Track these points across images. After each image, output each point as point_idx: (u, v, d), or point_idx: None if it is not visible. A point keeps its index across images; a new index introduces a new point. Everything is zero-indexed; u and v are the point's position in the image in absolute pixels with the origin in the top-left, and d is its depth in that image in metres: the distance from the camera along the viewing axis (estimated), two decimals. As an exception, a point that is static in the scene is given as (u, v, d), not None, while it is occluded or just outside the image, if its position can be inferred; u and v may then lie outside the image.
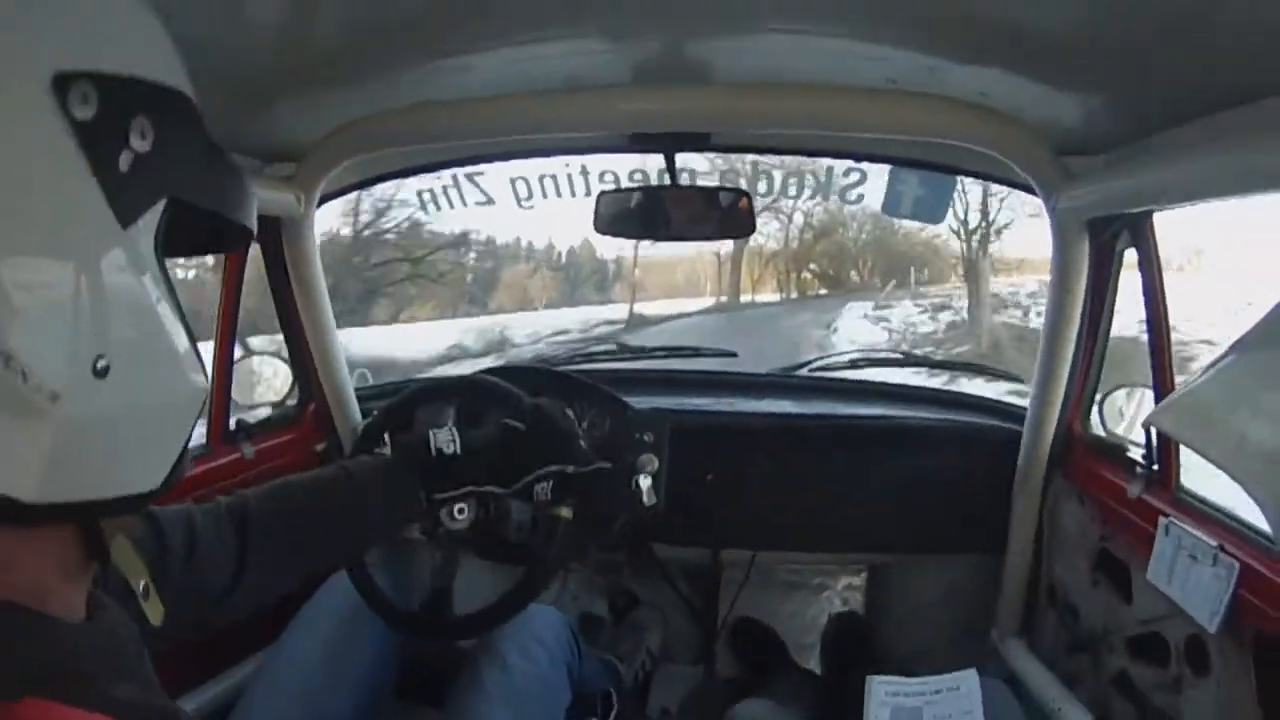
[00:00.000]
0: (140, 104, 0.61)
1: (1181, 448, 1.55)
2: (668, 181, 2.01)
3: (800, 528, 2.28)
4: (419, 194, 2.37)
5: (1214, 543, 1.37)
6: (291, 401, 2.21)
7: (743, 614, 2.62)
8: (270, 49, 1.30)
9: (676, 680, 2.42)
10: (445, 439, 1.59)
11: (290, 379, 2.19)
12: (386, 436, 1.77)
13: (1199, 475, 1.49)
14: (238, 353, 2.07)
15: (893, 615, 2.64)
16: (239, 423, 2.01)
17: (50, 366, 0.55)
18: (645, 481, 2.07)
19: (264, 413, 2.16)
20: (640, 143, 1.92)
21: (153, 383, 0.62)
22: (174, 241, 0.65)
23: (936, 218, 2.17)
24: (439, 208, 2.37)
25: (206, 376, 0.68)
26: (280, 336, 2.22)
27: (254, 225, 0.76)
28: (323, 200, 2.01)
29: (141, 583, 0.74)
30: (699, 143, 1.89)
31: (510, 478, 1.64)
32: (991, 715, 1.57)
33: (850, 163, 2.17)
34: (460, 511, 1.63)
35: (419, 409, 2.00)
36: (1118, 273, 1.74)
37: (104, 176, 0.58)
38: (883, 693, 1.59)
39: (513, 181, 2.40)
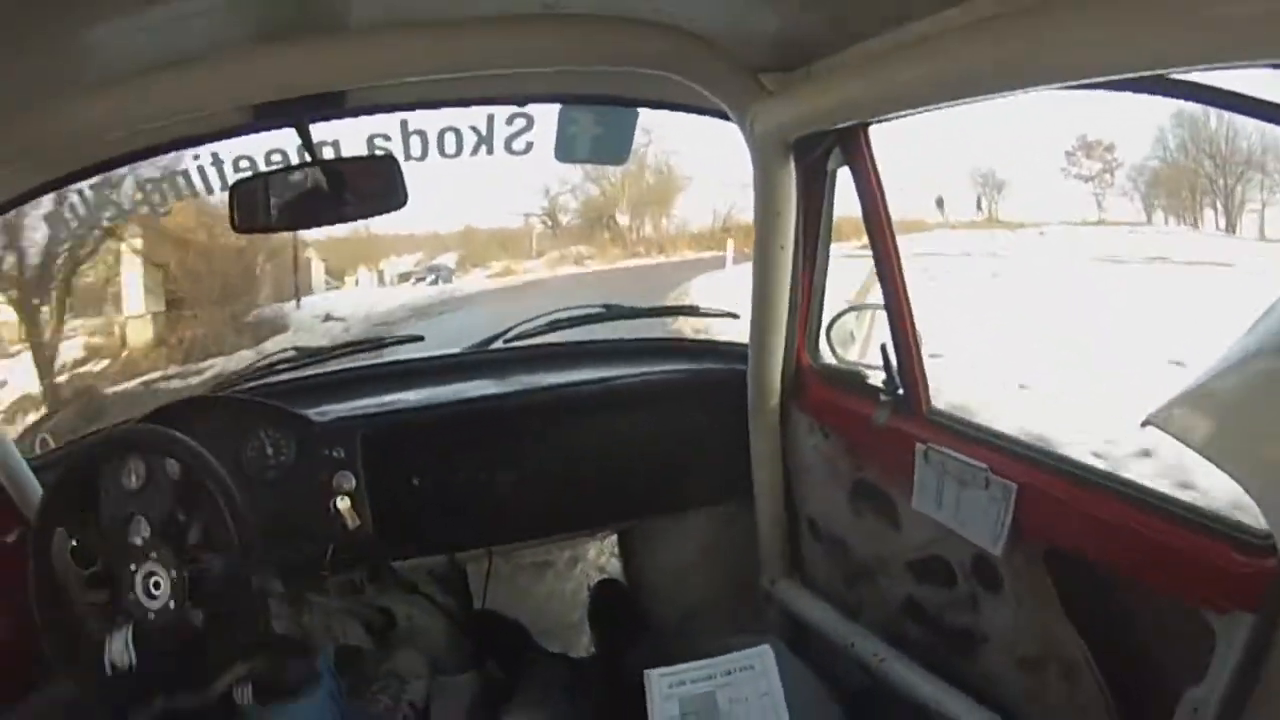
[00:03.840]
0: None
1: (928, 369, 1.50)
2: (308, 159, 1.79)
3: (530, 512, 2.14)
4: (45, 218, 2.00)
5: (982, 465, 1.33)
6: None
7: (489, 609, 2.46)
8: None
9: (453, 692, 2.20)
10: (119, 650, 1.52)
11: None
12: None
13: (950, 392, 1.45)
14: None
15: (655, 578, 2.57)
16: None
17: None
18: (344, 503, 1.93)
19: None
20: (268, 116, 1.65)
21: None
22: None
23: (620, 158, 2.01)
24: (69, 228, 2.01)
25: None
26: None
27: None
28: None
29: None
30: (334, 105, 1.65)
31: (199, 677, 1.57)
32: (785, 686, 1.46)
33: (513, 108, 1.96)
34: (155, 585, 1.57)
35: (99, 476, 1.78)
36: (831, 193, 1.65)
37: None
38: (666, 685, 1.44)
39: (141, 185, 2.05)
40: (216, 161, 2.22)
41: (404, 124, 2.03)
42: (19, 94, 1.34)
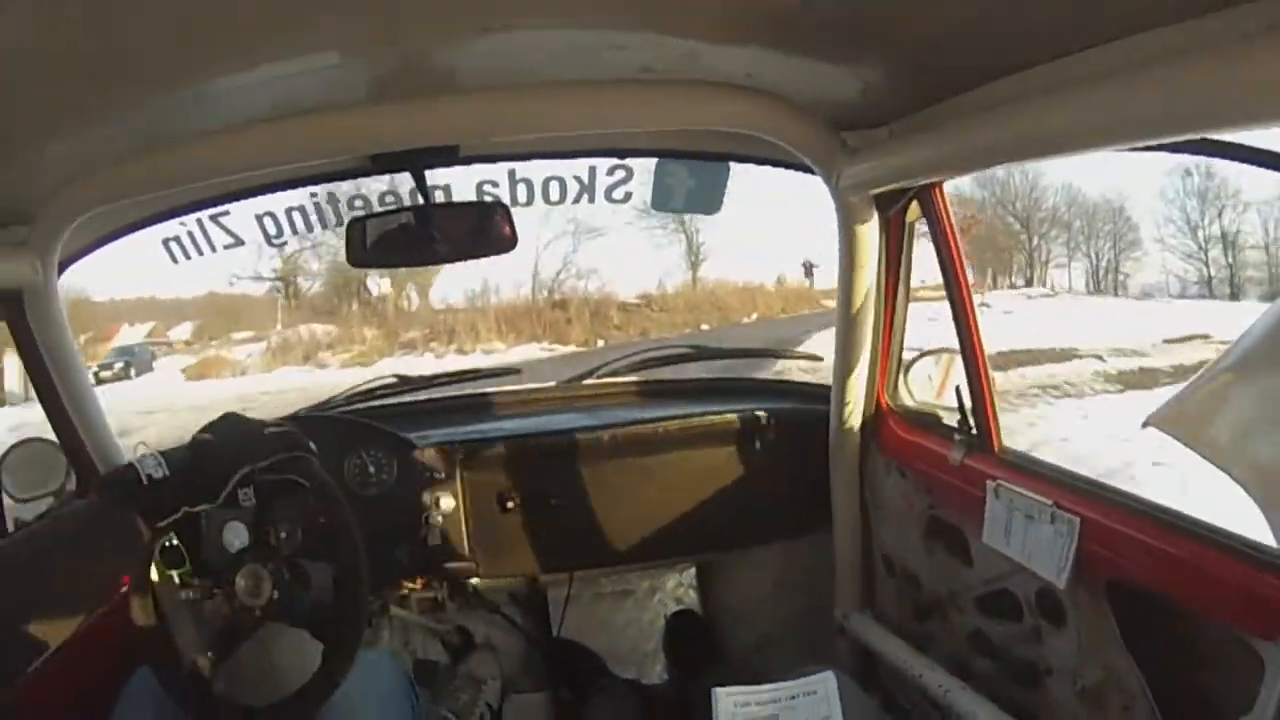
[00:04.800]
0: None
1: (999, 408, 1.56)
2: (421, 201, 1.87)
3: (613, 540, 2.22)
4: (165, 243, 2.10)
5: (1048, 501, 1.37)
6: (70, 486, 1.93)
7: (565, 635, 2.51)
8: None
9: (526, 712, 2.33)
10: (152, 465, 1.57)
11: (65, 465, 1.92)
12: None
13: (1021, 439, 1.49)
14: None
15: (731, 608, 2.59)
16: (17, 522, 1.79)
17: None
18: (438, 519, 2.04)
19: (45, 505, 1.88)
20: (385, 163, 1.77)
21: None
22: None
23: (713, 208, 2.09)
24: (188, 256, 2.11)
25: None
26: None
27: None
28: (65, 264, 1.81)
29: None
30: (447, 157, 1.76)
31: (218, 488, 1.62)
32: (846, 712, 1.50)
33: (614, 160, 2.06)
34: (258, 584, 1.58)
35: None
36: (910, 243, 1.73)
37: None
38: (731, 705, 1.48)
39: (259, 219, 2.17)
40: (332, 200, 2.33)
41: (511, 173, 2.13)
42: (149, 132, 1.46)
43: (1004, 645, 1.60)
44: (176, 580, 1.66)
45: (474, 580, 2.27)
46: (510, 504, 2.13)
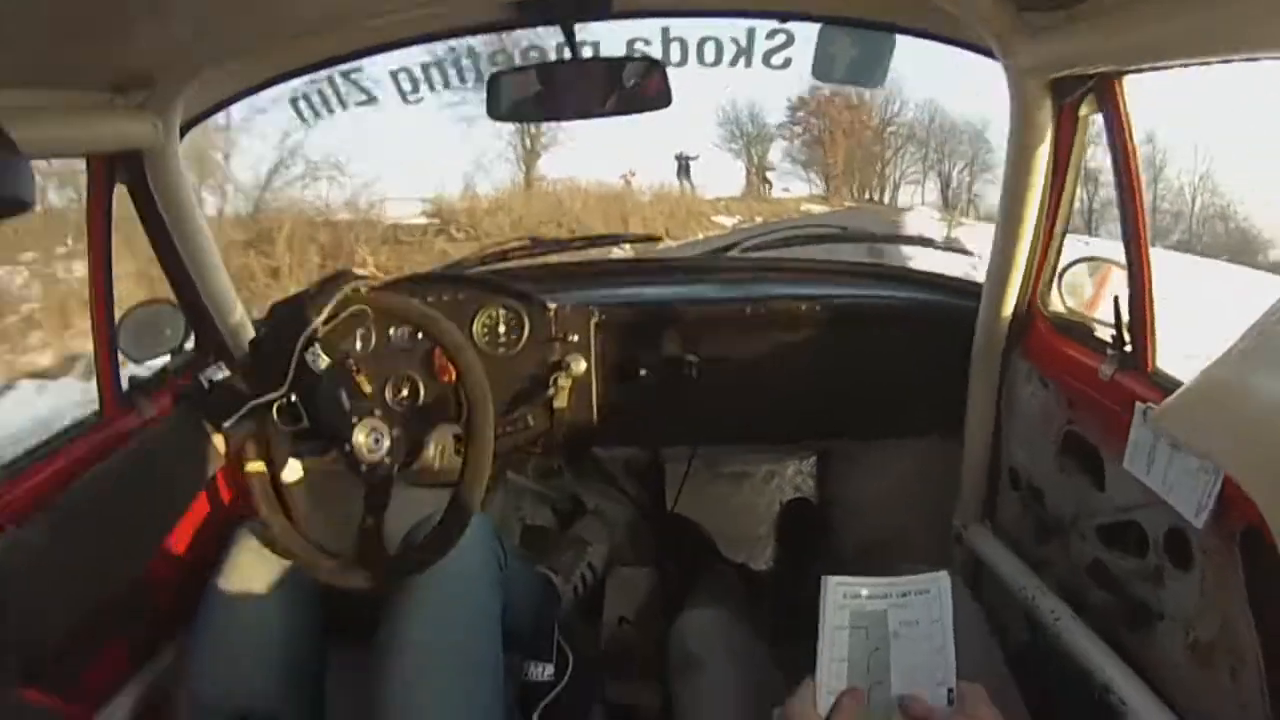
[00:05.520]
0: None
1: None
2: (568, 56, 1.83)
3: (741, 418, 2.18)
4: (292, 102, 2.11)
5: None
6: (189, 346, 2.02)
7: (679, 512, 2.56)
8: None
9: (629, 585, 2.33)
10: (211, 370, 1.63)
11: (184, 324, 2.00)
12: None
13: (1177, 358, 1.38)
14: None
15: (847, 502, 2.58)
16: (132, 379, 1.84)
17: None
18: (565, 382, 2.00)
19: (161, 365, 1.97)
20: (532, 13, 1.72)
21: None
22: None
23: (874, 80, 1.98)
24: (318, 115, 2.11)
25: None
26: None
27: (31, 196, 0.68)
28: (187, 126, 1.82)
29: None
30: (599, 9, 1.72)
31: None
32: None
33: (775, 23, 1.96)
34: (375, 441, 1.61)
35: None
36: (1083, 139, 1.59)
37: None
38: (840, 595, 1.44)
39: (394, 75, 2.14)
40: (472, 54, 2.29)
41: (665, 30, 2.05)
42: None
43: (1122, 580, 1.52)
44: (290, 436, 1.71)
45: (594, 449, 2.29)
46: (642, 371, 2.10)
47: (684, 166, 24.25)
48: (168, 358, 1.96)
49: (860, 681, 1.30)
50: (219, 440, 1.63)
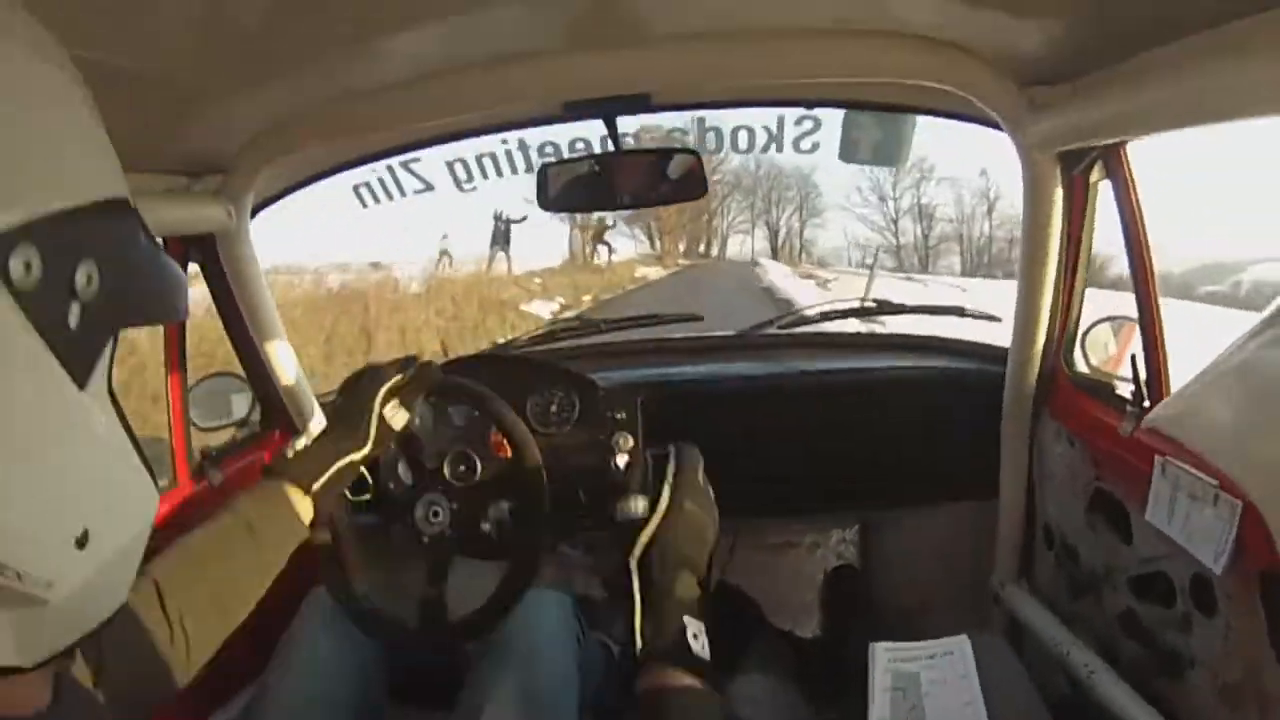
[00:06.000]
0: (83, 245, 0.56)
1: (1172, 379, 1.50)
2: (612, 148, 1.92)
3: (784, 490, 2.24)
4: (355, 189, 2.24)
5: (1213, 482, 1.31)
6: (256, 418, 2.14)
7: (726, 580, 2.59)
8: (178, 62, 1.21)
9: None
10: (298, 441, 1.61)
11: (251, 397, 2.12)
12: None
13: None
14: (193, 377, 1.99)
15: (890, 568, 2.60)
16: (204, 450, 1.94)
17: (40, 561, 0.54)
18: (619, 460, 2.04)
19: (230, 434, 2.09)
20: (577, 110, 1.80)
21: (123, 525, 0.62)
22: None
23: (898, 159, 2.08)
24: (377, 200, 2.25)
25: (155, 482, 0.67)
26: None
27: (184, 314, 0.72)
28: (257, 209, 1.93)
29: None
30: (639, 104, 1.77)
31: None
32: (991, 674, 1.52)
33: (803, 110, 2.07)
34: (435, 514, 1.67)
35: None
36: (1093, 205, 1.66)
37: (56, 343, 0.54)
38: (886, 659, 1.53)
39: (450, 165, 2.29)
40: (522, 147, 2.41)
41: (700, 120, 2.18)
42: (341, 83, 1.54)
43: (1153, 630, 1.55)
44: (353, 506, 1.76)
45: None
46: None
47: (503, 230, 21.13)
48: (232, 430, 2.06)
49: None
50: (304, 505, 1.72)
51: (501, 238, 21.51)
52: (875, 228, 31.13)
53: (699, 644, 1.02)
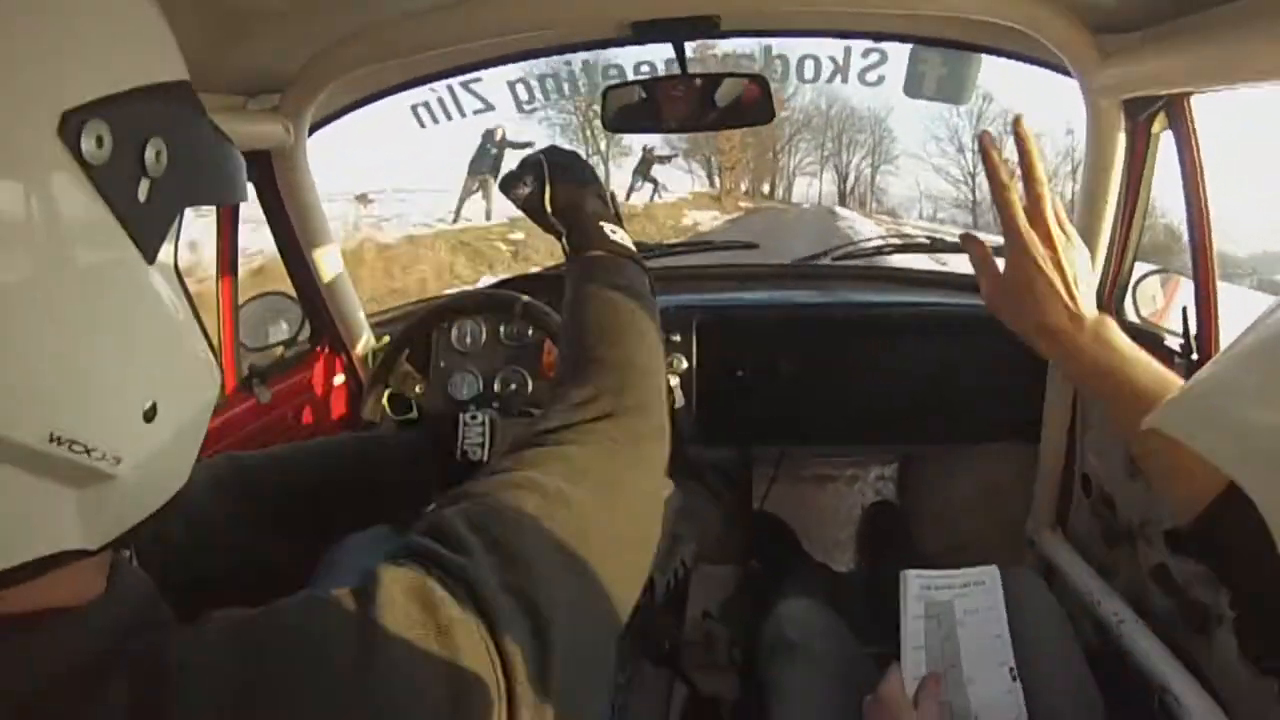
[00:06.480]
0: (152, 123, 0.57)
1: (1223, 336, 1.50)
2: (677, 72, 1.90)
3: (829, 420, 2.27)
4: (413, 109, 2.24)
5: None
6: (304, 337, 2.17)
7: (768, 510, 2.64)
8: None
9: (713, 581, 2.43)
10: (474, 442, 1.59)
11: (300, 316, 2.16)
12: (405, 359, 1.89)
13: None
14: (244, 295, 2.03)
15: (927, 507, 2.64)
16: (251, 367, 1.96)
17: (109, 434, 0.54)
18: (674, 380, 2.09)
19: (277, 353, 2.11)
20: (644, 32, 1.76)
21: (190, 400, 0.62)
22: None
23: (961, 98, 2.05)
24: (436, 121, 2.25)
25: (221, 369, 0.67)
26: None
27: (245, 196, 0.73)
28: (314, 128, 1.95)
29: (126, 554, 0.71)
30: (708, 27, 1.75)
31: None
32: (1026, 607, 1.55)
33: (869, 43, 2.05)
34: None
35: (433, 329, 2.05)
36: (1154, 156, 1.64)
37: (126, 216, 0.54)
38: (918, 586, 1.57)
39: (511, 85, 2.27)
40: (587, 67, 2.39)
41: (768, 49, 2.15)
42: (402, 1, 1.55)
43: (1184, 584, 1.56)
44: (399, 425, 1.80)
45: (688, 447, 2.36)
46: (739, 372, 2.20)
47: (647, 166, 19.78)
48: (280, 349, 2.10)
49: (937, 667, 1.42)
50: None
51: (644, 174, 20.93)
52: (951, 179, 28.98)
53: None
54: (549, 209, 1.17)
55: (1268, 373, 0.93)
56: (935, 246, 2.64)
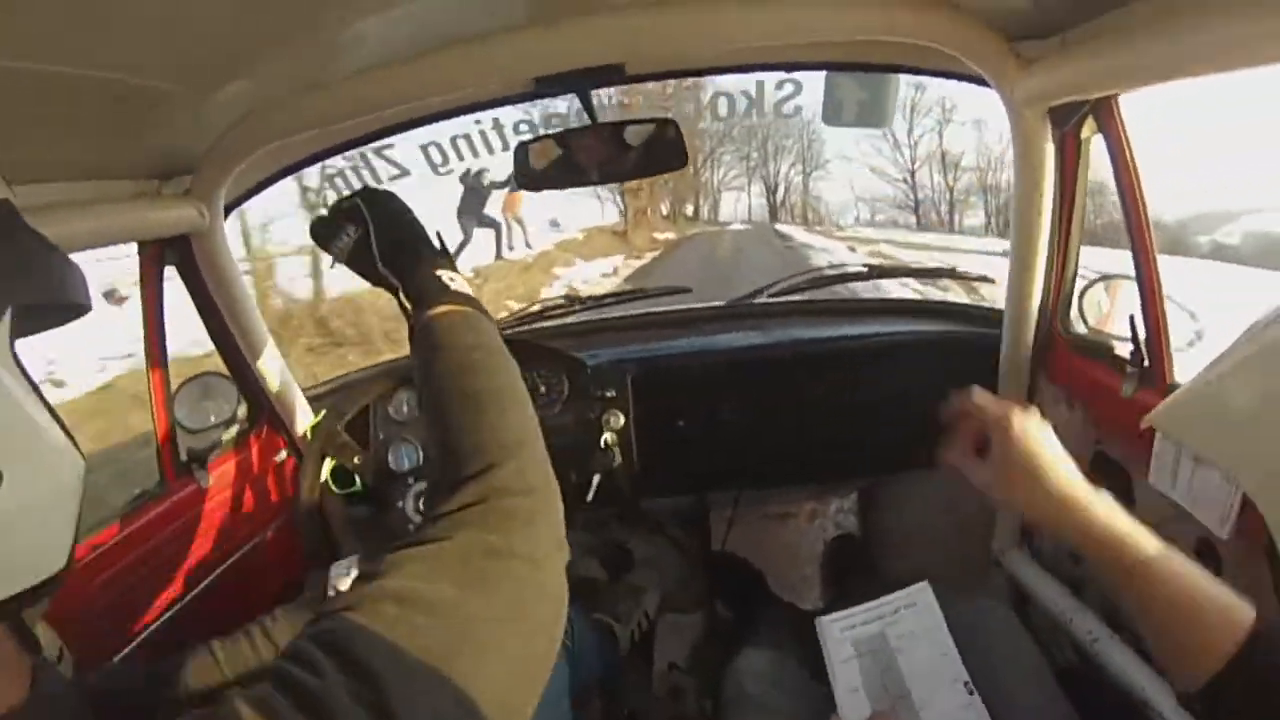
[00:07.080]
0: None
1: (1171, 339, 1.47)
2: (588, 122, 1.86)
3: (780, 461, 2.22)
4: (329, 178, 2.18)
5: None
6: (243, 414, 2.10)
7: (729, 551, 2.58)
8: (140, 68, 1.15)
9: (679, 631, 2.35)
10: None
11: (236, 396, 2.08)
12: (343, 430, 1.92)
13: (1193, 368, 1.39)
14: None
15: (890, 536, 2.59)
16: (190, 451, 1.90)
17: None
18: (610, 438, 2.06)
19: (216, 436, 2.04)
20: (549, 86, 1.73)
21: (43, 476, 0.63)
22: (24, 331, 0.65)
23: (884, 122, 2.02)
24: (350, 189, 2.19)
25: (81, 454, 0.68)
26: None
27: (90, 302, 0.72)
28: (231, 207, 1.90)
29: (57, 647, 0.78)
30: (613, 75, 1.71)
31: None
32: (996, 639, 1.49)
33: (782, 75, 2.02)
34: (426, 500, 1.65)
35: (371, 400, 2.05)
36: (1085, 162, 1.61)
37: None
38: (836, 630, 1.50)
39: (424, 149, 2.23)
40: (497, 126, 2.35)
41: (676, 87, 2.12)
42: (305, 76, 1.50)
43: None
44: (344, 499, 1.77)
45: (641, 499, 2.32)
46: (680, 422, 2.16)
47: (478, 201, 17.02)
48: (220, 430, 2.01)
49: (883, 703, 1.34)
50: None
51: (474, 210, 17.49)
52: (888, 179, 28.59)
53: None
54: (378, 261, 1.09)
55: (1263, 375, 0.89)
56: (873, 273, 2.61)
